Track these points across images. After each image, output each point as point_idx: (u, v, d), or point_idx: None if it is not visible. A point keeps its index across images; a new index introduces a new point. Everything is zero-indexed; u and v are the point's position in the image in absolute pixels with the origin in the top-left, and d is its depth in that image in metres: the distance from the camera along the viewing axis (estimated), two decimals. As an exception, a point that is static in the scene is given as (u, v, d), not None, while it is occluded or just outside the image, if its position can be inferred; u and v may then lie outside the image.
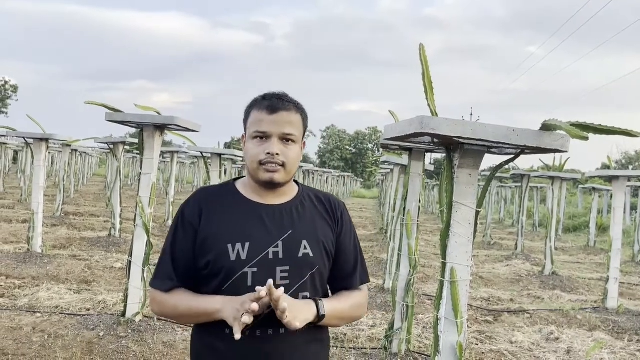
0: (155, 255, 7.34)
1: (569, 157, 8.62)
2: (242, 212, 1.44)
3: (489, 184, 2.13)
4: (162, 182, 17.89)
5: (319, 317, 1.39)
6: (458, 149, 1.98)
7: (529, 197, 13.55)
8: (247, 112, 1.47)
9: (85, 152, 18.75)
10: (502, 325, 5.01)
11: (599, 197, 14.33)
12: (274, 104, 1.42)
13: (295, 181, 1.56)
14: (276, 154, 1.39)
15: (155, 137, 3.99)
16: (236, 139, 53.43)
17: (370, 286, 5.81)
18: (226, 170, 15.35)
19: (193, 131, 4.16)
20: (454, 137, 1.76)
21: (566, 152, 1.81)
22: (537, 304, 6.06)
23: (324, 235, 1.48)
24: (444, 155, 2.10)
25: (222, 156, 6.92)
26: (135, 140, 8.14)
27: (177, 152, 10.61)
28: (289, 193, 1.50)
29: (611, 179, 5.83)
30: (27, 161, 13.40)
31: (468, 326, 4.74)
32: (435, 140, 2.00)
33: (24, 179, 13.49)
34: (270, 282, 1.27)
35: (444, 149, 2.07)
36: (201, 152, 6.97)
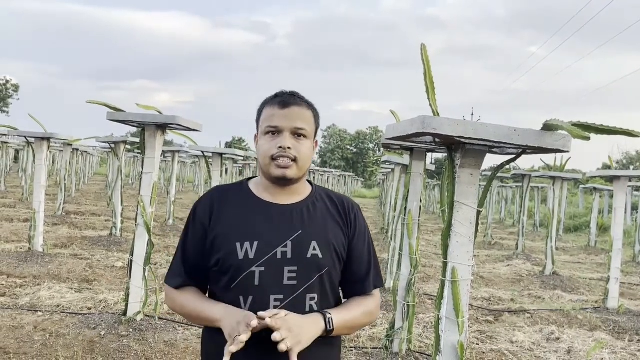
0: (157, 254, 7.33)
1: (570, 157, 8.62)
2: (252, 211, 1.44)
3: (491, 183, 2.13)
4: (163, 182, 17.89)
5: (327, 331, 1.37)
6: (460, 149, 1.98)
7: (529, 197, 13.54)
8: (260, 111, 1.48)
9: (86, 152, 18.78)
10: (502, 325, 5.01)
11: (600, 197, 14.33)
12: (285, 99, 1.43)
13: (309, 181, 1.55)
14: (288, 147, 1.39)
15: (157, 137, 3.99)
16: (237, 138, 53.45)
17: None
18: (227, 169, 15.36)
19: (194, 130, 4.17)
20: (456, 137, 1.76)
21: (568, 152, 1.81)
22: (538, 303, 6.06)
23: (335, 237, 1.46)
24: (445, 155, 2.11)
25: (224, 155, 6.93)
26: (136, 140, 8.15)
27: (178, 151, 10.61)
28: (302, 192, 1.49)
29: (612, 179, 5.83)
30: (29, 160, 13.41)
31: (469, 326, 4.73)
32: (436, 140, 2.00)
33: (25, 178, 13.49)
34: (265, 316, 1.26)
35: (445, 148, 2.07)
36: (202, 152, 6.98)
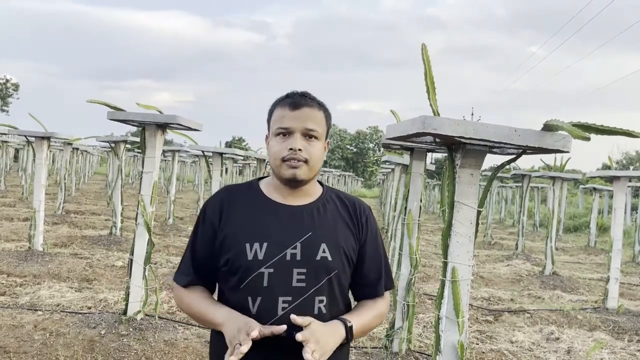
0: (157, 253, 7.32)
1: (569, 158, 8.62)
2: (262, 212, 1.43)
3: (491, 183, 2.13)
4: (163, 181, 17.90)
5: (347, 339, 1.38)
6: (460, 149, 1.98)
7: (529, 197, 13.54)
8: (270, 112, 1.47)
9: (86, 151, 18.77)
10: (502, 325, 5.01)
11: (600, 197, 14.33)
12: (296, 100, 1.42)
13: (320, 182, 1.54)
14: (299, 149, 1.37)
15: (157, 136, 3.99)
16: (237, 138, 53.44)
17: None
18: (227, 169, 15.36)
19: (195, 130, 4.17)
20: (456, 137, 1.76)
21: (568, 152, 1.81)
22: (538, 303, 6.06)
23: (345, 240, 1.44)
24: (446, 155, 2.11)
25: (224, 155, 6.94)
26: (136, 139, 8.15)
27: (178, 151, 10.61)
28: (312, 194, 1.48)
29: (612, 179, 5.83)
30: (28, 159, 13.41)
31: (468, 326, 4.74)
32: (437, 140, 2.01)
33: (25, 177, 13.49)
34: (293, 317, 1.30)
35: (445, 148, 2.07)
36: (202, 151, 6.99)
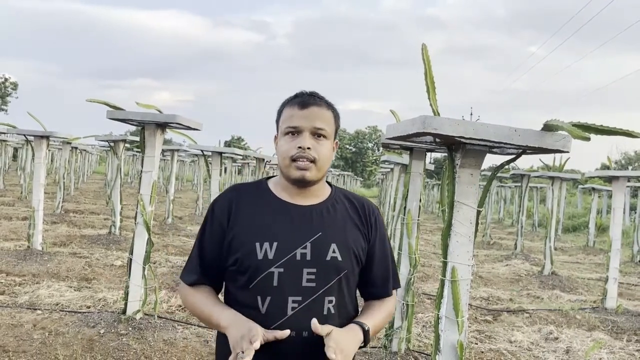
0: (156, 253, 7.31)
1: (569, 158, 8.62)
2: (271, 211, 1.43)
3: (490, 183, 2.14)
4: (162, 180, 17.88)
5: (364, 343, 1.39)
6: (460, 149, 1.98)
7: (528, 197, 13.55)
8: (279, 112, 1.47)
9: (85, 150, 18.74)
10: (501, 325, 5.01)
11: (599, 197, 14.35)
12: (305, 100, 1.42)
13: (329, 183, 1.54)
14: (307, 148, 1.38)
15: (157, 135, 3.99)
16: (236, 137, 53.40)
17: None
18: (226, 168, 15.36)
19: (194, 129, 4.17)
20: (456, 136, 1.77)
21: (568, 152, 1.82)
22: (537, 303, 6.07)
23: (354, 240, 1.45)
24: (445, 154, 2.11)
25: (223, 154, 6.94)
26: (135, 138, 8.14)
27: (177, 150, 10.61)
28: (321, 194, 1.48)
29: (611, 179, 5.84)
30: (27, 158, 13.39)
31: (467, 325, 4.74)
32: (437, 140, 2.01)
33: (24, 176, 13.48)
34: (314, 323, 1.28)
35: (445, 148, 2.07)
36: (202, 151, 6.99)
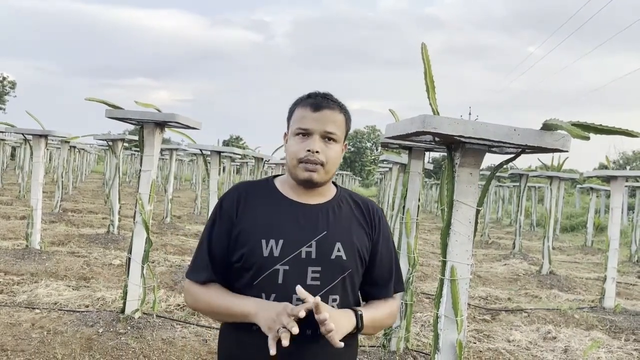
0: (154, 252, 7.30)
1: (567, 157, 8.64)
2: (278, 209, 1.44)
3: (490, 182, 2.14)
4: (160, 180, 17.86)
5: (357, 328, 1.39)
6: (459, 148, 1.98)
7: (527, 197, 13.57)
8: (291, 110, 1.48)
9: (83, 149, 18.72)
10: (499, 324, 5.02)
11: (597, 197, 14.37)
12: (318, 102, 1.42)
13: (334, 183, 1.56)
14: (316, 151, 1.39)
15: (156, 134, 3.99)
16: (235, 137, 53.36)
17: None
18: (225, 167, 15.34)
19: (193, 128, 4.16)
20: (456, 136, 1.77)
21: (567, 151, 1.82)
22: (535, 303, 6.08)
23: (359, 240, 1.46)
24: (444, 154, 2.11)
25: (221, 154, 6.93)
26: (134, 138, 8.14)
27: (176, 149, 10.61)
28: (327, 194, 1.50)
29: (609, 179, 5.85)
30: (26, 157, 13.37)
31: (466, 325, 4.75)
32: (436, 139, 2.01)
33: (22, 175, 13.46)
34: (317, 299, 1.26)
35: (444, 147, 2.07)
36: (200, 150, 6.98)
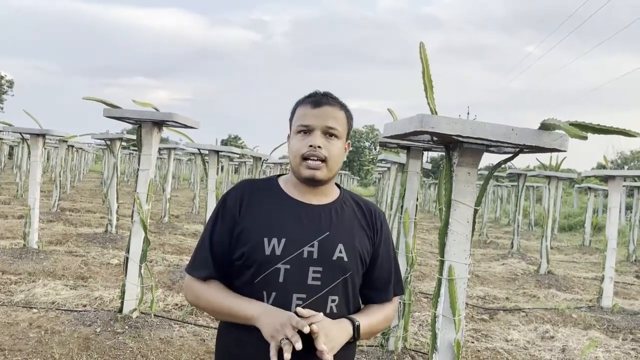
0: (152, 251, 7.29)
1: (565, 157, 8.65)
2: (281, 208, 1.44)
3: (488, 182, 2.14)
4: (158, 179, 17.84)
5: (354, 338, 1.40)
6: (457, 148, 1.98)
7: (525, 196, 13.59)
8: (293, 111, 1.49)
9: (81, 148, 18.69)
10: (497, 324, 5.03)
11: (595, 196, 14.40)
12: (318, 99, 1.45)
13: (337, 185, 1.56)
14: (318, 146, 1.40)
15: (154, 134, 3.98)
16: (233, 136, 53.32)
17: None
18: (223, 167, 15.32)
19: (192, 128, 4.16)
20: (454, 135, 1.77)
21: (565, 151, 1.82)
22: (533, 302, 6.08)
23: (360, 242, 1.47)
24: (442, 153, 2.11)
25: (220, 153, 6.92)
26: (132, 137, 8.13)
27: (174, 148, 10.60)
28: (330, 194, 1.50)
29: (607, 178, 5.86)
30: (23, 157, 13.35)
31: (464, 324, 4.75)
32: (434, 138, 2.01)
33: (20, 174, 13.44)
34: (314, 327, 1.27)
35: (443, 147, 2.07)
36: (199, 149, 6.97)
